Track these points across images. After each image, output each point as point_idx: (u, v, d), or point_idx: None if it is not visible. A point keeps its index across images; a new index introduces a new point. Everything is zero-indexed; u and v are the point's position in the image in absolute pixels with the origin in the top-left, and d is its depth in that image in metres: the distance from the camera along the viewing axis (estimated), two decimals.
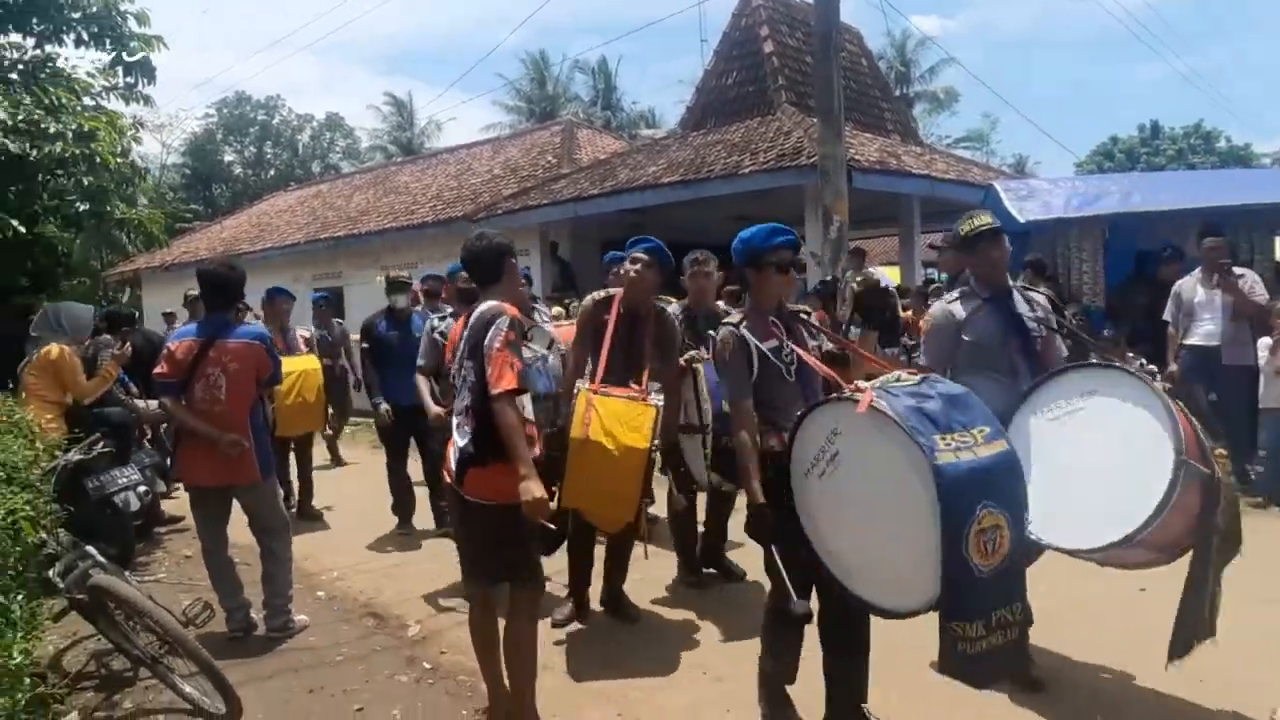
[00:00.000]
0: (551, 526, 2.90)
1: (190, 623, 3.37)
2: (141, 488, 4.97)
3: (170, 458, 5.06)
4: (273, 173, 36.15)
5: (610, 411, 3.51)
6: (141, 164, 10.04)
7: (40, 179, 7.43)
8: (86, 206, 7.71)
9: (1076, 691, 3.16)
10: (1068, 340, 3.27)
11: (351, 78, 64.11)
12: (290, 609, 4.15)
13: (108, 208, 7.88)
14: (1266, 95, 61.64)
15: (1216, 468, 2.53)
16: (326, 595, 4.76)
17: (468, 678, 3.48)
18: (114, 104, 8.01)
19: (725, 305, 4.88)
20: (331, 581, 4.98)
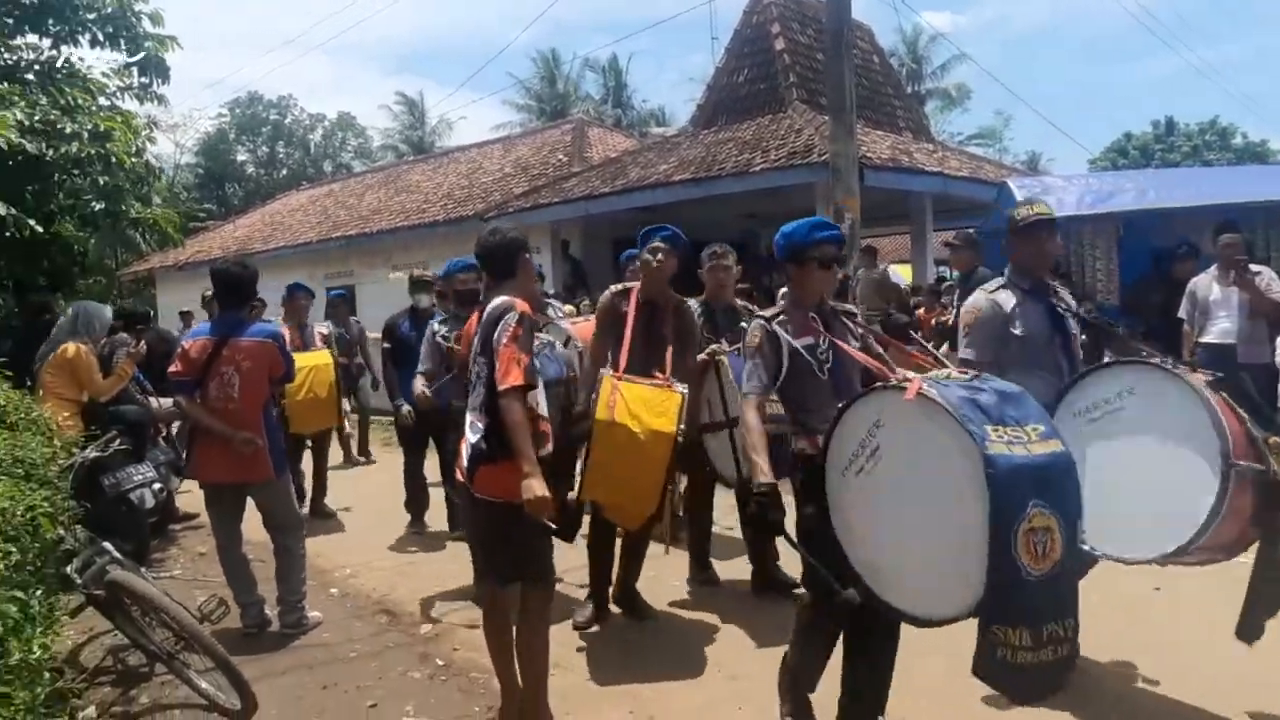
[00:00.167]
0: (553, 526, 2.82)
1: (205, 619, 3.39)
2: (157, 485, 5.00)
3: (183, 456, 5.11)
4: (285, 172, 36.30)
5: (636, 396, 3.41)
6: (156, 164, 10.11)
7: (57, 179, 7.49)
8: (102, 206, 7.76)
9: (1101, 693, 3.11)
10: (1092, 336, 3.21)
11: (363, 77, 64.46)
12: (304, 605, 4.18)
13: (123, 207, 7.94)
14: None
15: (1272, 461, 2.41)
16: (340, 592, 4.78)
17: (480, 675, 3.49)
18: (129, 104, 8.08)
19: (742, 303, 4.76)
20: (345, 579, 5.00)
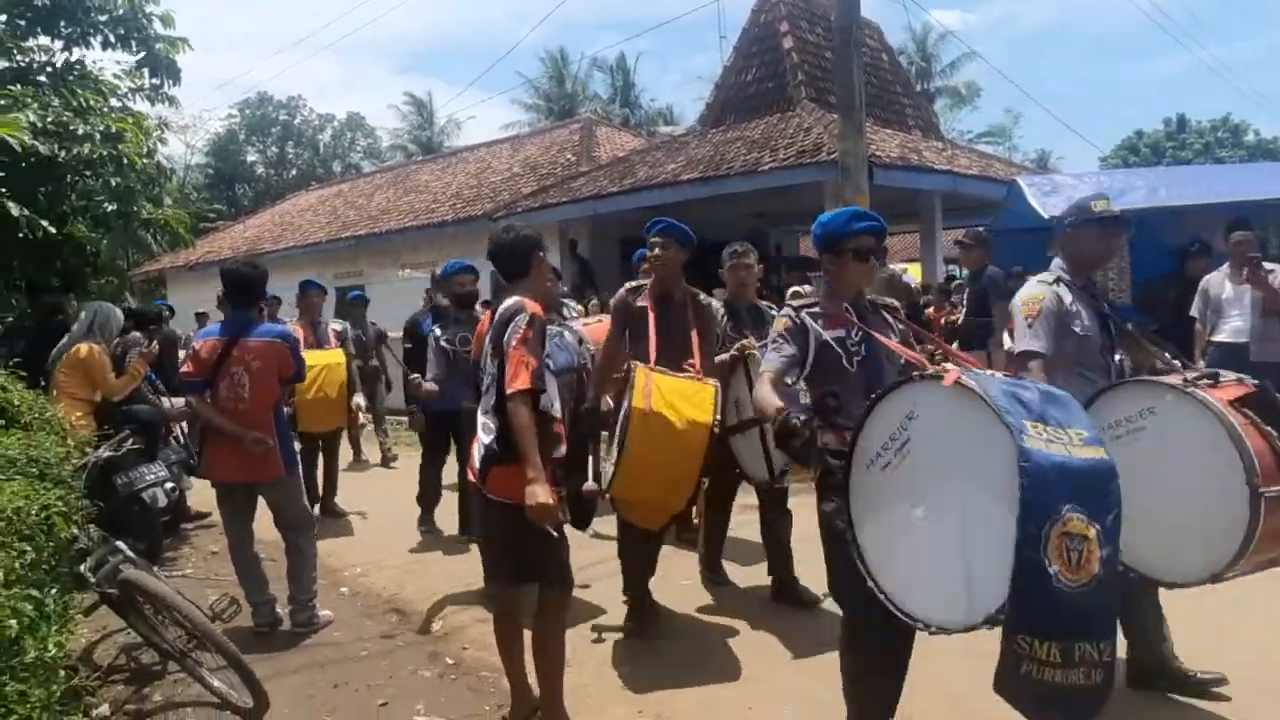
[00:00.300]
0: (554, 534, 2.78)
1: (217, 617, 3.40)
2: (169, 484, 5.03)
3: (194, 455, 5.13)
4: (294, 172, 36.48)
5: (671, 386, 3.32)
6: (167, 164, 10.16)
7: (69, 180, 7.51)
8: (114, 207, 7.78)
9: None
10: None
11: (372, 77, 64.79)
12: (315, 604, 4.20)
13: (134, 208, 7.96)
14: None
15: None
16: (350, 591, 4.80)
17: (490, 674, 3.50)
18: (140, 105, 8.11)
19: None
20: (355, 578, 5.02)
